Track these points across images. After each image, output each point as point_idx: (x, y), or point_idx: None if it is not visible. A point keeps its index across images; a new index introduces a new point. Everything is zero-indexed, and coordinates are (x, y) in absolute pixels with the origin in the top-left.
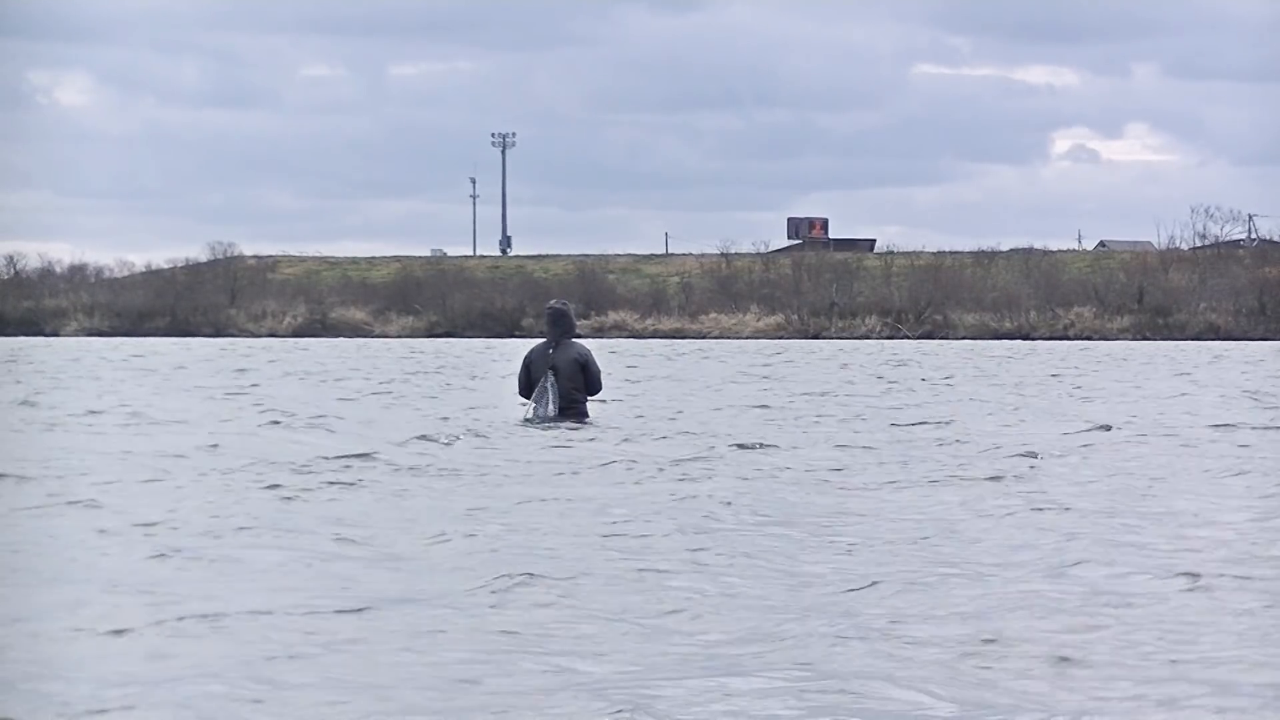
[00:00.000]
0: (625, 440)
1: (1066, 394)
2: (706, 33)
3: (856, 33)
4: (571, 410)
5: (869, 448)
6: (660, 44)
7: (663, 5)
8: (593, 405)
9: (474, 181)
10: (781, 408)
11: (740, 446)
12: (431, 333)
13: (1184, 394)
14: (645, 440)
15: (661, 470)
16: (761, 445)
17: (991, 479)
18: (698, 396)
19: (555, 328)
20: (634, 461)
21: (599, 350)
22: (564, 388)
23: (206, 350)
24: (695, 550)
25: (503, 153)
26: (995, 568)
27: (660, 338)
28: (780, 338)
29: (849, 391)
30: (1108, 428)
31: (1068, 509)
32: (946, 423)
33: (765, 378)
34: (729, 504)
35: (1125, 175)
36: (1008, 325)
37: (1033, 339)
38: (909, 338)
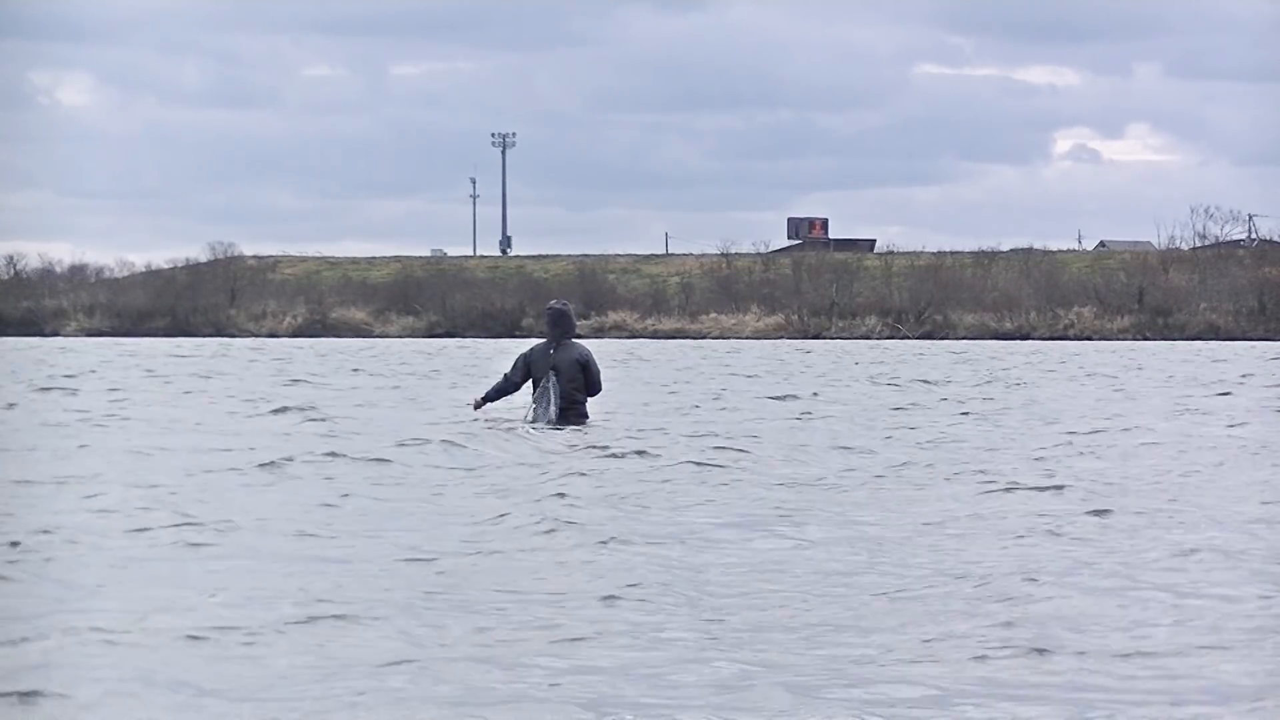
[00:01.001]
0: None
1: None
2: (707, 33)
3: (857, 33)
4: (572, 411)
5: None
6: (661, 44)
7: (663, 5)
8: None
9: (474, 181)
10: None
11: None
12: (432, 333)
13: None
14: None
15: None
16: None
17: None
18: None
19: (556, 328)
20: None
21: (598, 351)
22: (564, 388)
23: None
24: None
25: (503, 153)
26: None
27: (660, 338)
28: (780, 338)
29: None
30: None
31: None
32: None
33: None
34: None
35: (1126, 175)
36: (1008, 325)
37: (1033, 339)
38: (909, 338)
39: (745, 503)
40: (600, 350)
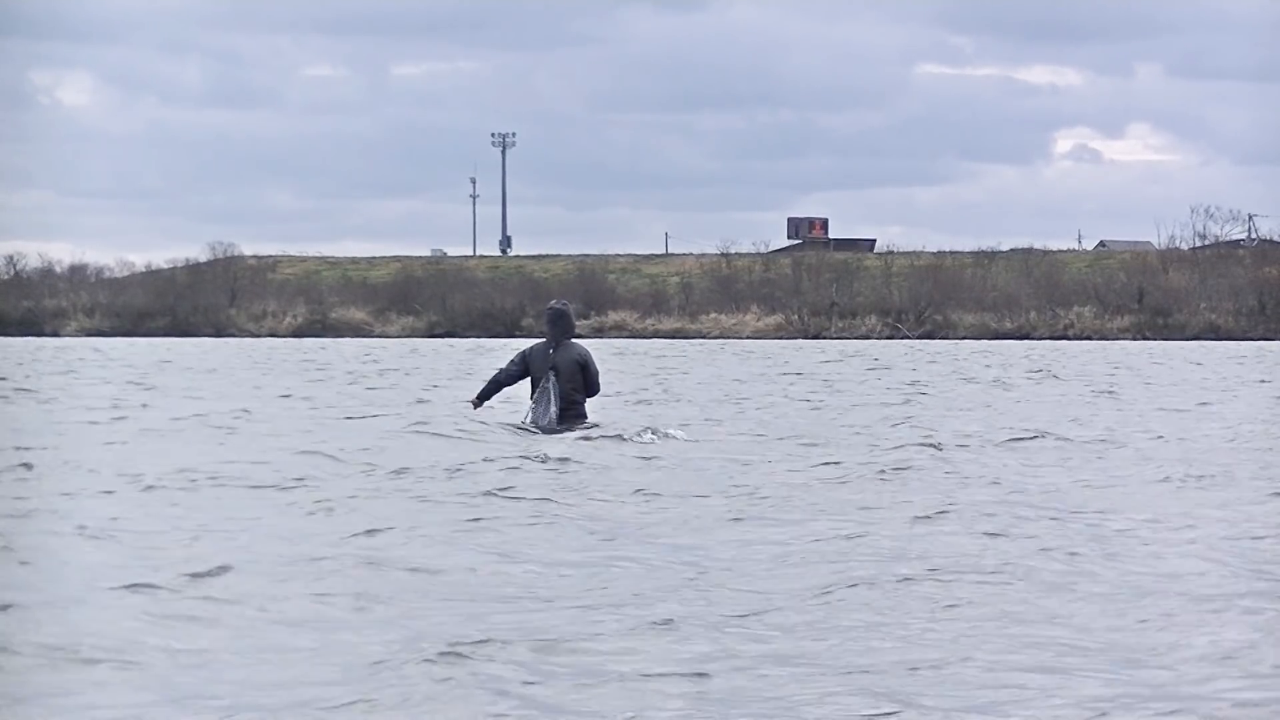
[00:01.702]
0: None
1: None
2: (708, 33)
3: (859, 32)
4: (571, 411)
5: None
6: (662, 44)
7: (664, 5)
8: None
9: (474, 181)
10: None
11: None
12: (432, 333)
13: None
14: None
15: None
16: None
17: None
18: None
19: (555, 328)
20: None
21: (598, 351)
22: (563, 389)
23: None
24: None
25: (503, 153)
26: None
27: (660, 338)
28: (780, 338)
29: None
30: None
31: None
32: None
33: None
34: None
35: (1127, 175)
36: (1008, 325)
37: (1033, 339)
38: (909, 338)
39: (941, 505)
40: (625, 349)
